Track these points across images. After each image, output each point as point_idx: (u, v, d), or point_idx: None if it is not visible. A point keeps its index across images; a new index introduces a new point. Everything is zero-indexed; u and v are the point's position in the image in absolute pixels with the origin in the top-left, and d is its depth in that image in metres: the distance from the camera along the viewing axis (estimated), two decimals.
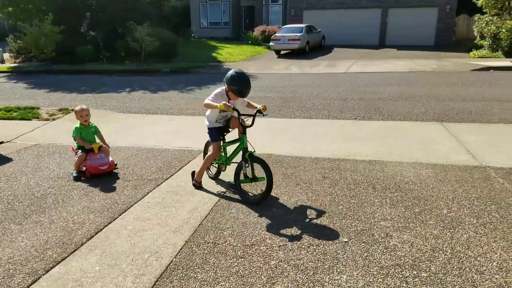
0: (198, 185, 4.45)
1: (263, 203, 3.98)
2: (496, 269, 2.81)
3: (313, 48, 22.31)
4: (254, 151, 4.02)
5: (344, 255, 3.05)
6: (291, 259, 3.02)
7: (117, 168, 5.07)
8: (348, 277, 2.78)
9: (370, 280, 2.74)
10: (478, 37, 20.13)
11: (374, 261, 2.96)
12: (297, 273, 2.84)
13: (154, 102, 9.90)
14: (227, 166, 4.50)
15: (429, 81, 11.92)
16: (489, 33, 18.04)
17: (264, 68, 16.89)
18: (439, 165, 4.94)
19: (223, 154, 4.43)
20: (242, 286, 2.71)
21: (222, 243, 3.27)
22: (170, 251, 3.15)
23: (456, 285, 2.65)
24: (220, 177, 4.71)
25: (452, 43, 24.04)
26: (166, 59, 18.69)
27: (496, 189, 4.19)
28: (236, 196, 4.20)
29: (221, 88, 4.12)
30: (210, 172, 4.77)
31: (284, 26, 23.06)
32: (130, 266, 2.98)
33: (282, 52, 21.77)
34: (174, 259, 3.05)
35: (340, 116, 7.89)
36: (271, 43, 21.42)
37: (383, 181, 4.49)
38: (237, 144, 4.24)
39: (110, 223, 3.67)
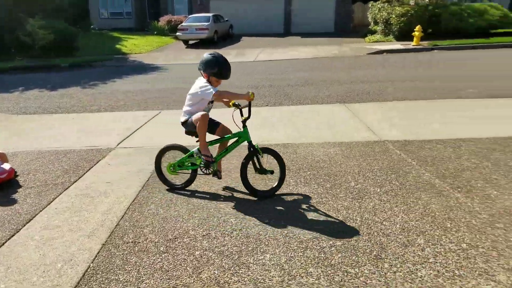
0: (207, 158, 3.83)
1: (183, 196, 3.93)
2: (399, 231, 3.14)
3: (221, 37, 22.31)
4: (256, 144, 3.81)
5: (266, 235, 3.15)
6: (215, 247, 3.03)
7: (17, 176, 4.58)
8: (271, 256, 2.88)
9: (291, 255, 2.88)
10: (372, 23, 21.85)
11: (294, 237, 3.11)
12: (223, 259, 2.87)
13: (53, 100, 9.10)
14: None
15: (331, 66, 12.69)
16: (381, 19, 19.69)
17: (173, 58, 16.48)
18: (345, 143, 5.32)
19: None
20: (168, 280, 2.66)
21: (143, 241, 3.17)
22: (86, 257, 2.96)
23: (367, 249, 2.90)
24: (132, 172, 4.53)
25: (350, 29, 25.81)
26: (64, 53, 17.23)
27: (395, 160, 4.65)
28: (155, 192, 4.07)
29: (199, 80, 3.77)
30: (172, 182, 4.14)
31: (190, 16, 22.66)
32: (41, 278, 2.74)
33: (191, 42, 21.43)
34: (91, 264, 2.87)
35: (253, 103, 8.01)
36: (178, 33, 20.94)
37: (296, 162, 4.71)
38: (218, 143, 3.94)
39: (13, 235, 3.32)
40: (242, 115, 3.73)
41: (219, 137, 3.94)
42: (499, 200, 3.56)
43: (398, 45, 16.52)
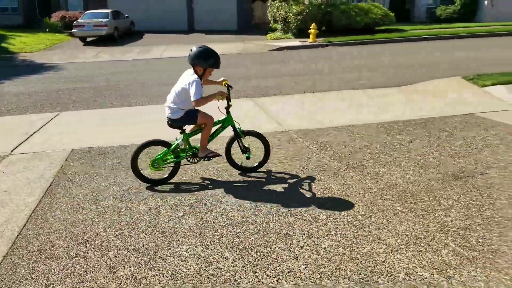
0: (212, 154, 4.04)
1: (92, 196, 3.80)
2: (305, 209, 3.44)
3: (122, 34, 21.36)
4: (241, 127, 4.15)
5: (182, 228, 3.21)
6: (130, 245, 3.01)
7: None
8: (188, 246, 2.96)
9: (207, 243, 2.98)
10: (272, 21, 22.75)
11: (209, 226, 3.22)
12: (139, 256, 2.86)
13: None
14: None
15: (237, 63, 12.99)
16: (280, 17, 20.63)
17: (69, 57, 15.37)
18: None
19: (187, 146, 4.04)
20: (81, 283, 2.58)
21: (50, 248, 3.01)
22: None
23: (277, 229, 3.13)
24: (31, 179, 4.23)
25: (252, 27, 26.54)
26: None
27: (298, 147, 5.01)
28: (60, 198, 3.85)
29: (190, 76, 3.79)
30: (151, 178, 4.09)
31: (87, 12, 21.25)
32: None
33: (89, 39, 20.15)
34: None
35: (161, 101, 7.93)
36: (74, 30, 19.53)
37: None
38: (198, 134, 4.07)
39: None
40: (230, 100, 4.04)
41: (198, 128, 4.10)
42: (386, 176, 4.09)
43: (296, 42, 17.50)
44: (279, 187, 3.90)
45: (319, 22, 18.36)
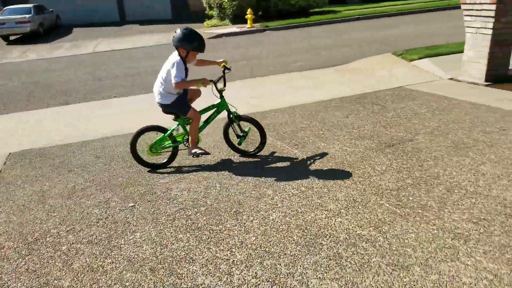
0: (201, 152, 4.05)
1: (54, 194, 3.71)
2: (252, 187, 3.63)
3: (48, 30, 20.14)
4: (236, 109, 4.18)
5: (134, 217, 3.27)
6: (83, 238, 3.03)
7: None
8: (141, 233, 3.03)
9: (161, 228, 3.08)
10: (207, 7, 22.51)
11: (161, 213, 3.31)
12: (93, 247, 2.90)
13: None
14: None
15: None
16: (215, 4, 20.47)
17: None
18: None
19: (184, 131, 4.13)
20: (37, 279, 2.58)
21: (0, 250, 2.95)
22: None
23: (227, 208, 3.30)
24: None
25: (188, 15, 26.07)
26: None
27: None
28: (3, 201, 3.72)
29: (173, 58, 3.79)
30: (152, 162, 4.23)
31: (6, 8, 19.72)
32: None
33: (12, 37, 18.79)
34: None
35: (99, 96, 7.73)
36: None
37: None
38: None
39: None
40: (225, 84, 4.11)
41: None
42: (326, 150, 4.38)
43: (234, 28, 17.54)
44: (227, 170, 4.05)
45: (255, 7, 18.49)
